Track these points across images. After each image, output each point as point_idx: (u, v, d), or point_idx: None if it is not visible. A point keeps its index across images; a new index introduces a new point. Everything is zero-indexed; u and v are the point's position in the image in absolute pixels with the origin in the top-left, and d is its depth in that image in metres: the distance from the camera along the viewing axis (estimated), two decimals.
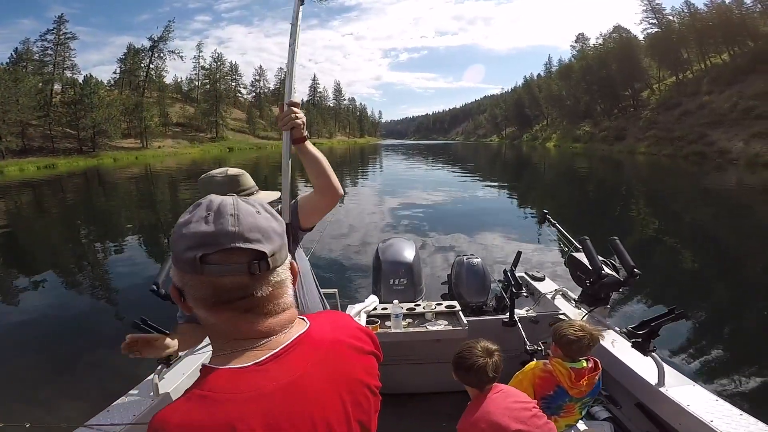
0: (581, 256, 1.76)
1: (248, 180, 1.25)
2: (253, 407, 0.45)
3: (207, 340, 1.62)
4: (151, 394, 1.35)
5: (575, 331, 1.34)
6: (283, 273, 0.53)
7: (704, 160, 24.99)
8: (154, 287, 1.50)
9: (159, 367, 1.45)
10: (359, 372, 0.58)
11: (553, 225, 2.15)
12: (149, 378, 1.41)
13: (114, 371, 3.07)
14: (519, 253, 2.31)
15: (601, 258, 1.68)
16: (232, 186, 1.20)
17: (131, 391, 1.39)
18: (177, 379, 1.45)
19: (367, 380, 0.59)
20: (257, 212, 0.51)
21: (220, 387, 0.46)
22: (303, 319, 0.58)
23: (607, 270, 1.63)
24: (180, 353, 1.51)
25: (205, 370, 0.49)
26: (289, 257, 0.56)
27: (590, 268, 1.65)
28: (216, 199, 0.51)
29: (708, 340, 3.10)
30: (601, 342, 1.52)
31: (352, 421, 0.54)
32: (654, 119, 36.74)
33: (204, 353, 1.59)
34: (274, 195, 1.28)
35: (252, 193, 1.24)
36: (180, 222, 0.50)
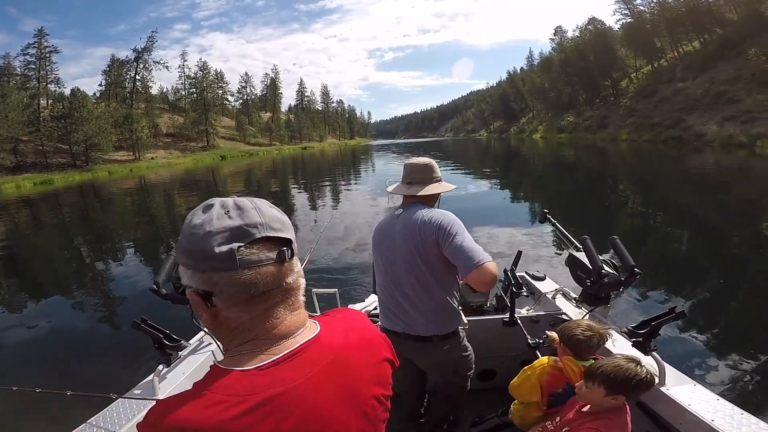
0: (581, 256, 1.72)
1: (428, 171, 1.50)
2: (244, 412, 0.44)
3: (208, 339, 1.61)
4: (152, 394, 1.31)
5: (583, 330, 1.32)
6: (298, 264, 0.53)
7: (682, 144, 25.42)
8: (155, 287, 1.46)
9: (159, 367, 1.41)
10: (367, 380, 0.55)
11: (554, 224, 2.11)
12: (149, 378, 1.37)
13: (114, 371, 3.11)
14: (519, 253, 2.28)
15: (601, 257, 1.65)
16: (427, 172, 1.49)
17: (132, 391, 1.35)
18: (177, 379, 1.40)
19: (375, 390, 0.55)
20: (269, 205, 0.51)
21: (219, 387, 0.45)
22: (314, 322, 0.55)
23: (607, 269, 1.61)
24: (180, 353, 1.51)
25: (213, 368, 0.48)
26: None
27: (590, 267, 1.62)
28: (223, 198, 0.51)
29: (709, 339, 3.06)
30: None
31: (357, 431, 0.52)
32: (633, 107, 37.25)
33: (204, 353, 1.55)
34: (450, 186, 1.55)
35: (439, 180, 1.52)
36: (195, 224, 0.47)
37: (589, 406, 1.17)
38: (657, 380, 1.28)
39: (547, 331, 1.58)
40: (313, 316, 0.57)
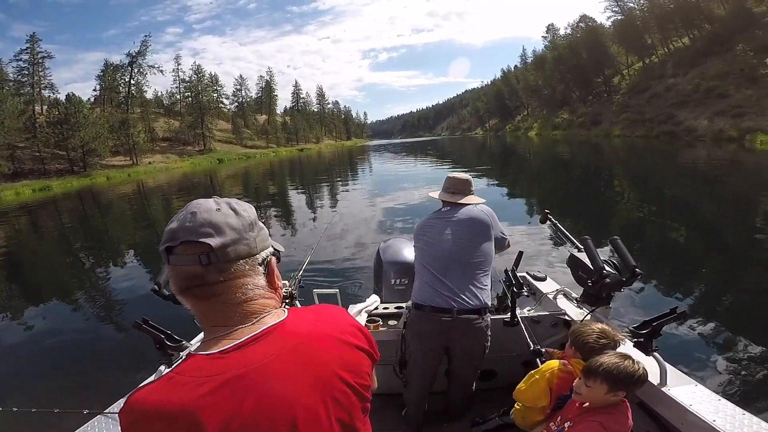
0: (583, 256, 1.72)
1: (468, 185, 1.86)
2: (208, 392, 0.47)
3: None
4: None
5: (598, 338, 1.29)
6: (246, 265, 0.55)
7: (674, 139, 25.49)
8: (156, 287, 1.45)
9: (161, 368, 1.39)
10: (336, 367, 0.55)
11: (554, 224, 2.11)
12: (150, 380, 1.35)
13: (115, 372, 3.10)
14: (520, 253, 2.25)
15: (602, 258, 1.64)
16: (466, 185, 1.85)
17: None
18: None
19: (345, 376, 0.56)
20: (217, 209, 0.55)
21: (185, 370, 0.49)
22: (283, 310, 0.58)
23: (608, 269, 1.60)
24: (182, 354, 1.49)
25: (187, 356, 0.52)
26: (266, 254, 0.58)
27: (592, 267, 1.61)
28: (196, 200, 0.57)
29: (710, 339, 3.03)
30: None
31: (327, 418, 0.52)
32: (626, 103, 37.42)
33: None
34: (481, 200, 1.85)
35: (471, 193, 1.84)
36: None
37: (588, 403, 1.17)
38: (658, 380, 1.27)
39: (546, 348, 1.57)
40: (290, 308, 0.60)
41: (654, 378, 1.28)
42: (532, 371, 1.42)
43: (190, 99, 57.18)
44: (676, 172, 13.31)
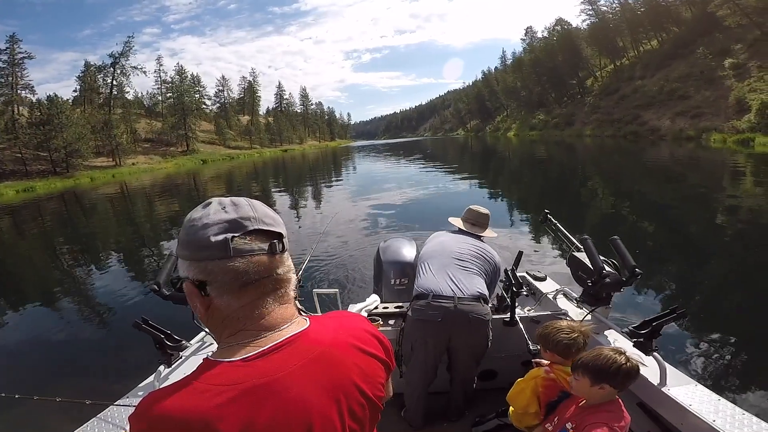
0: (582, 256, 1.69)
1: (487, 219, 2.05)
2: (227, 401, 0.44)
3: (209, 339, 1.57)
4: None
5: (567, 334, 1.28)
6: (289, 260, 0.54)
7: (639, 139, 26.31)
8: (155, 287, 1.42)
9: (161, 368, 1.36)
10: (355, 377, 0.53)
11: (554, 225, 2.10)
12: (150, 380, 1.33)
13: (115, 372, 3.02)
14: (520, 253, 2.22)
15: (602, 258, 1.61)
16: (486, 219, 2.05)
17: (135, 391, 1.30)
18: (178, 379, 1.34)
19: (363, 387, 0.54)
20: (263, 204, 0.54)
21: (204, 377, 0.46)
22: (305, 318, 0.56)
23: (608, 270, 1.58)
24: (181, 353, 1.47)
25: (204, 361, 0.50)
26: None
27: (591, 267, 1.59)
28: (222, 198, 0.54)
29: (710, 339, 2.95)
30: (603, 342, 1.50)
31: (342, 428, 0.51)
32: (597, 104, 38.65)
33: (206, 353, 1.51)
34: (495, 234, 2.04)
35: (488, 227, 2.05)
36: (194, 218, 0.50)
37: (584, 400, 1.15)
38: (658, 380, 1.26)
39: (535, 361, 1.53)
40: (311, 316, 0.57)
41: (654, 378, 1.27)
42: (519, 380, 1.40)
43: (172, 100, 55.10)
44: (656, 171, 13.38)
